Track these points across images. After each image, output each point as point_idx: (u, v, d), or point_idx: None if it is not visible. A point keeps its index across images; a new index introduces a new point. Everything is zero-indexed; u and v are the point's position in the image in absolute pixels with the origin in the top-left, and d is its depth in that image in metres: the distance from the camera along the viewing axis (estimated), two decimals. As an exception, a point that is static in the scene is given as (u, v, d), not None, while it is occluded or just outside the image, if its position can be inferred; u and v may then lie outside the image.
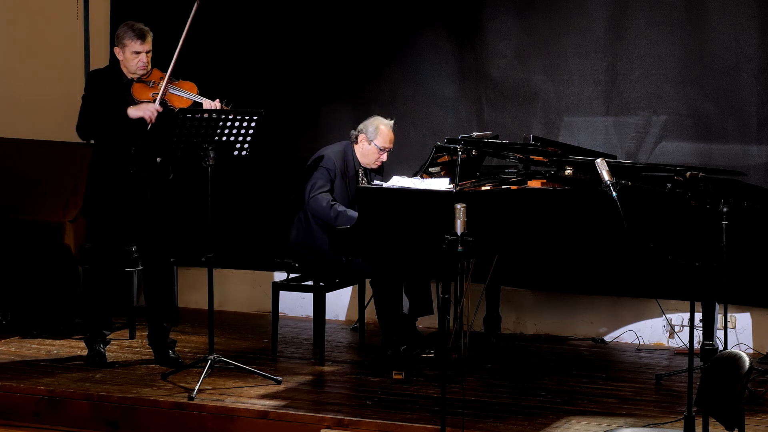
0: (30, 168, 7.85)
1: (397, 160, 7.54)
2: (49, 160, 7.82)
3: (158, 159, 6.31)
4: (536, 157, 6.69)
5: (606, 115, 7.23)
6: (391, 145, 6.87)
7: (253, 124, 6.16)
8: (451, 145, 6.41)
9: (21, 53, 8.35)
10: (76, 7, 8.21)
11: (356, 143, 6.88)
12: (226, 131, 6.12)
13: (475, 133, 6.90)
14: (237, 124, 6.12)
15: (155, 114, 6.16)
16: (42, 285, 7.61)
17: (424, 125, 7.55)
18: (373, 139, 6.83)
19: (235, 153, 6.23)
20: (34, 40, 8.32)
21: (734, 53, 6.94)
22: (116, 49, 6.33)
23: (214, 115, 6.07)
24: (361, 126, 6.89)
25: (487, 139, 6.78)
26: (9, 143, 7.96)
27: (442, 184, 6.28)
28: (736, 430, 4.01)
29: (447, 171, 6.67)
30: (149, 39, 6.30)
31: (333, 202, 6.67)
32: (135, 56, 6.26)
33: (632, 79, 7.17)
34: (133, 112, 6.19)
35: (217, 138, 6.11)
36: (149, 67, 6.31)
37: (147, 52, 6.28)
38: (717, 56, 6.99)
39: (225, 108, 6.23)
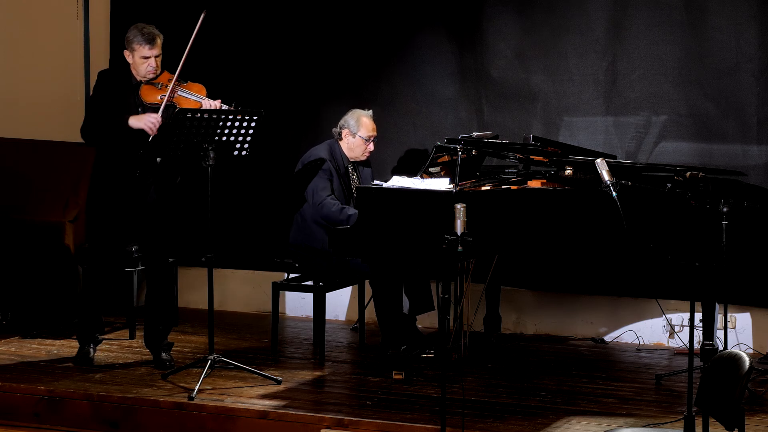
0: (30, 168, 7.85)
1: (397, 160, 7.55)
2: (49, 160, 7.82)
3: (158, 159, 6.30)
4: (536, 157, 6.69)
5: (606, 115, 7.23)
6: (375, 133, 6.91)
7: (253, 124, 6.16)
8: (451, 145, 6.41)
9: (21, 53, 8.35)
10: (76, 7, 8.21)
11: (341, 139, 6.92)
12: (226, 131, 6.12)
13: (475, 133, 6.91)
14: (237, 124, 6.13)
15: (156, 126, 6.13)
16: (42, 285, 7.61)
17: (424, 125, 7.56)
18: (357, 131, 6.87)
19: (235, 153, 6.23)
20: (34, 40, 8.31)
21: (734, 53, 6.95)
22: (126, 53, 6.29)
23: (214, 115, 6.07)
24: (341, 122, 6.93)
25: (487, 139, 6.78)
26: (9, 143, 7.96)
27: (442, 184, 6.28)
28: (736, 430, 4.01)
29: (447, 171, 6.67)
30: (159, 43, 6.25)
31: (343, 207, 6.69)
32: (144, 61, 6.23)
33: (632, 79, 7.17)
34: (134, 122, 6.17)
35: (217, 138, 6.11)
36: (159, 70, 6.29)
37: (156, 57, 6.25)
38: (717, 56, 6.99)
39: (227, 108, 6.22)
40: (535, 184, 6.57)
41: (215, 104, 6.21)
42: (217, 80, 7.63)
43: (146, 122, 6.14)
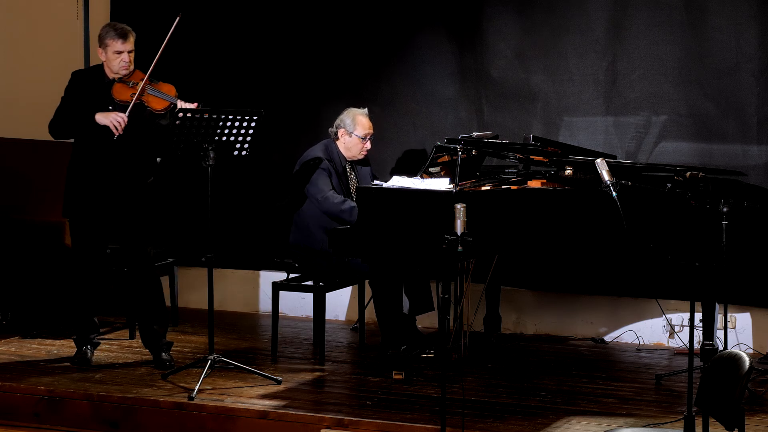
0: (30, 168, 7.85)
1: (397, 160, 7.55)
2: (49, 160, 7.82)
3: (158, 159, 6.30)
4: (536, 157, 6.69)
5: (606, 115, 7.23)
6: (372, 131, 6.91)
7: (253, 124, 6.17)
8: (451, 145, 6.41)
9: (21, 53, 8.34)
10: (76, 7, 8.21)
11: (338, 139, 6.92)
12: (226, 131, 6.12)
13: (475, 133, 6.91)
14: (237, 124, 6.13)
15: (121, 125, 6.13)
16: (42, 285, 7.61)
17: (424, 125, 7.55)
18: (353, 130, 6.86)
19: (235, 153, 6.23)
20: (34, 40, 8.31)
21: (734, 53, 6.94)
22: (99, 50, 6.32)
23: (214, 115, 6.07)
24: (337, 121, 6.92)
25: (487, 139, 6.78)
26: (9, 143, 7.96)
27: (442, 184, 6.28)
28: (736, 430, 4.01)
29: (447, 171, 6.67)
30: (131, 39, 6.28)
31: (344, 199, 6.69)
32: (117, 56, 6.24)
33: (632, 79, 7.17)
34: (101, 119, 6.17)
35: (217, 138, 6.11)
36: (132, 67, 6.30)
37: (129, 52, 6.26)
38: (717, 56, 6.99)
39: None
40: (535, 184, 6.57)
41: (190, 106, 6.19)
42: (218, 80, 7.66)
43: (112, 120, 6.15)
